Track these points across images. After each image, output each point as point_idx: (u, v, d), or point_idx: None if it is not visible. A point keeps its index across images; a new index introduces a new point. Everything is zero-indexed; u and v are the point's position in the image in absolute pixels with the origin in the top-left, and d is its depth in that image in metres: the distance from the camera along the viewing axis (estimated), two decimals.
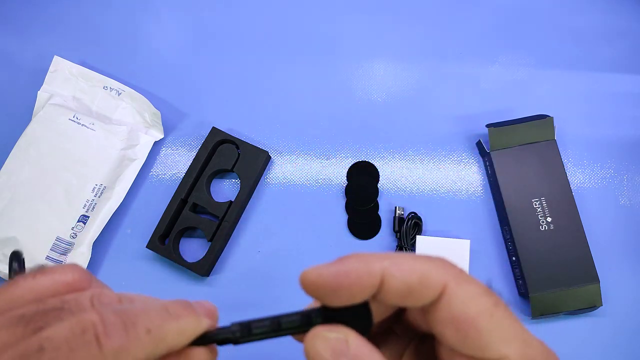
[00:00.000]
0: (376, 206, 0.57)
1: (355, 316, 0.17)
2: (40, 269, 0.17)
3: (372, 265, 0.16)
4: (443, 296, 0.16)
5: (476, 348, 0.15)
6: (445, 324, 0.16)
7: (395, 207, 0.56)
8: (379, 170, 0.58)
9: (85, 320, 0.15)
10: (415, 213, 0.55)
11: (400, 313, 0.21)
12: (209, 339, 0.18)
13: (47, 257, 0.52)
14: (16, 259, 0.47)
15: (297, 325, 0.17)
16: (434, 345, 0.19)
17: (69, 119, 0.55)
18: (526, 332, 0.16)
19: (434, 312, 0.16)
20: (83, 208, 0.54)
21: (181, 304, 0.17)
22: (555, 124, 0.55)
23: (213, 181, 0.59)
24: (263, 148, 0.57)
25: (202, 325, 0.17)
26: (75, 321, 0.15)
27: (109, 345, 0.14)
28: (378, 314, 0.19)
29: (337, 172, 0.58)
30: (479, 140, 0.57)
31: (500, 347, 0.15)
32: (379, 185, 0.58)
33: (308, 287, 0.17)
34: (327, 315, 0.17)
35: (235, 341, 0.18)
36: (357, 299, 0.16)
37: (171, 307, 0.17)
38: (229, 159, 0.57)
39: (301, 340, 0.18)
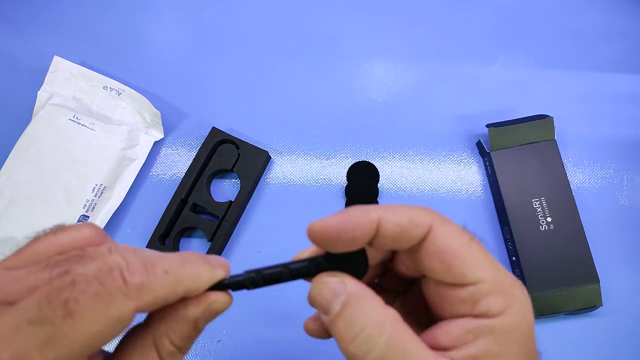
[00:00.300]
0: None
1: (354, 261, 0.19)
2: (60, 227, 0.19)
3: (370, 212, 0.19)
4: (429, 234, 0.19)
5: (458, 275, 0.18)
6: (432, 257, 0.19)
7: None
8: (379, 170, 0.58)
9: (111, 260, 0.17)
10: None
11: (383, 273, 0.24)
12: (224, 285, 0.19)
13: None
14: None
15: (304, 270, 0.20)
16: (416, 295, 0.22)
17: (69, 119, 0.55)
18: (497, 262, 0.19)
19: (422, 250, 0.19)
20: (83, 208, 0.54)
21: (196, 254, 0.19)
22: (555, 124, 0.55)
23: (213, 181, 0.59)
24: (263, 148, 0.57)
25: (216, 273, 0.19)
26: (102, 262, 0.17)
27: (133, 281, 0.16)
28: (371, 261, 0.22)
29: (337, 172, 0.58)
30: (479, 140, 0.57)
31: (477, 272, 0.18)
32: (379, 185, 0.58)
33: (315, 236, 0.19)
34: (330, 260, 0.20)
35: (249, 286, 0.20)
36: (358, 243, 0.19)
37: (187, 255, 0.19)
38: (229, 159, 0.57)
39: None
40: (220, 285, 0.19)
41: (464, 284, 0.18)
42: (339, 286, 0.19)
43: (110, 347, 0.20)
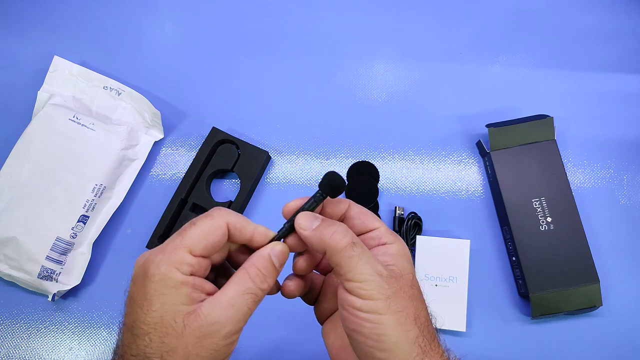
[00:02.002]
0: (376, 206, 0.57)
1: (339, 186, 0.30)
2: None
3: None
4: (349, 208, 0.32)
5: (368, 224, 0.31)
6: (354, 218, 0.32)
7: (395, 207, 0.56)
8: (379, 170, 0.58)
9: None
10: (415, 213, 0.55)
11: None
12: (277, 238, 0.31)
13: (47, 257, 0.52)
14: None
15: (314, 205, 0.30)
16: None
17: (69, 119, 0.55)
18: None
19: (347, 216, 0.32)
20: (83, 208, 0.54)
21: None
22: (555, 124, 0.55)
23: (213, 181, 0.59)
24: (263, 148, 0.57)
25: (270, 233, 0.30)
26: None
27: (223, 210, 0.29)
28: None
29: None
30: (479, 140, 0.57)
31: (376, 223, 0.32)
32: (379, 185, 0.58)
33: (288, 209, 0.31)
34: (322, 191, 0.30)
35: (287, 234, 0.31)
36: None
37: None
38: (229, 159, 0.57)
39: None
40: (275, 238, 0.30)
41: (372, 229, 0.31)
42: (314, 215, 0.30)
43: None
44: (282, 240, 0.31)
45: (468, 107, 0.60)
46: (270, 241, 0.30)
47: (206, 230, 0.28)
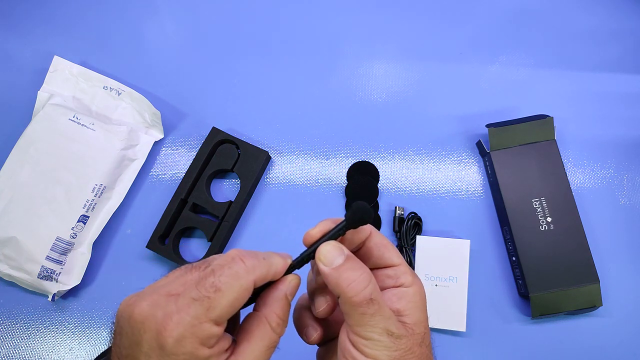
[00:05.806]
0: (376, 206, 0.57)
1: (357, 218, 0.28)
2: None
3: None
4: (370, 235, 0.30)
5: (388, 259, 0.29)
6: (374, 249, 0.30)
7: (395, 207, 0.56)
8: (379, 170, 0.58)
9: (231, 254, 0.26)
10: (415, 213, 0.55)
11: None
12: (293, 267, 0.28)
13: (47, 257, 0.52)
14: None
15: (336, 235, 0.28)
16: None
17: (69, 119, 0.55)
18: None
19: (368, 245, 0.30)
20: (83, 208, 0.54)
21: (271, 252, 0.28)
22: (555, 124, 0.55)
23: (213, 181, 0.59)
24: (263, 148, 0.57)
25: (287, 260, 0.28)
26: (225, 256, 0.26)
27: (248, 263, 0.25)
28: None
29: (337, 172, 0.58)
30: (479, 140, 0.57)
31: (396, 259, 0.30)
32: (379, 185, 0.58)
33: (310, 239, 0.29)
34: (346, 223, 0.28)
35: (308, 260, 0.29)
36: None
37: (266, 252, 0.28)
38: (229, 159, 0.57)
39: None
40: (291, 268, 0.28)
41: (391, 265, 0.29)
42: (340, 249, 0.27)
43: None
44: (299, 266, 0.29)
45: (468, 107, 0.60)
46: (288, 269, 0.28)
47: (234, 298, 0.24)
